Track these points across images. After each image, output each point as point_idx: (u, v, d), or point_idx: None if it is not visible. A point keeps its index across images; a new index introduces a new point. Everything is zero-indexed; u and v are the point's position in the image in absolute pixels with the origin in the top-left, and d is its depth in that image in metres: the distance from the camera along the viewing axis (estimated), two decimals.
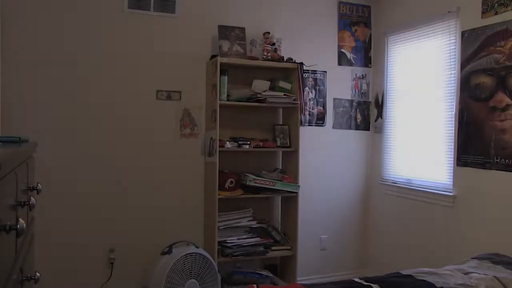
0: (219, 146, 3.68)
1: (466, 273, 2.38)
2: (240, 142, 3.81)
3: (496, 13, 3.28)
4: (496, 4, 3.28)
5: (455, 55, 3.62)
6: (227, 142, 3.78)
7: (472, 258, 2.68)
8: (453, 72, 3.64)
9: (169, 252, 3.51)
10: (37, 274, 1.65)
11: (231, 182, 3.76)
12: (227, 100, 3.75)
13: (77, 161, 3.60)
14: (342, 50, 4.51)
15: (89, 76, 3.62)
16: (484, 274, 2.33)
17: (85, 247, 3.63)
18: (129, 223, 3.75)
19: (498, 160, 3.23)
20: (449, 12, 3.65)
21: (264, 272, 3.91)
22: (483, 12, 3.38)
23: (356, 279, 2.34)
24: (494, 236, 3.23)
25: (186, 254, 3.44)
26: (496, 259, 2.60)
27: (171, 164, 3.87)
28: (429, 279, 2.29)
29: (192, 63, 3.93)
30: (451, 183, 3.64)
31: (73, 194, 3.59)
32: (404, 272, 2.46)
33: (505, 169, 3.18)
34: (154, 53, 3.81)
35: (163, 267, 3.40)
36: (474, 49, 3.44)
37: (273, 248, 3.92)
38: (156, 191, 3.83)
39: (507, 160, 3.17)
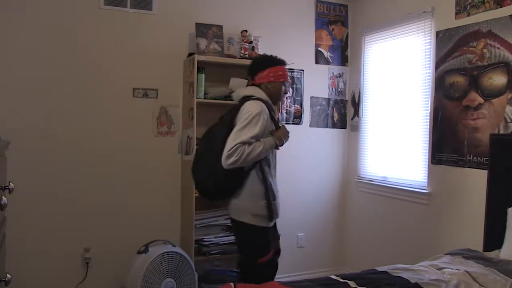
0: (196, 144, 3.67)
1: (440, 269, 2.42)
2: None
3: (468, 15, 3.34)
4: (468, 6, 3.34)
5: (430, 54, 3.68)
6: None
7: (445, 254, 2.74)
8: (428, 71, 3.70)
9: (145, 251, 3.48)
10: (8, 276, 1.62)
11: None
12: (205, 98, 3.74)
13: (51, 160, 3.54)
14: (320, 48, 4.54)
15: (64, 74, 3.57)
16: (456, 269, 2.38)
17: (59, 247, 3.58)
18: (105, 222, 3.70)
19: (471, 158, 3.29)
20: (424, 12, 3.70)
21: None
22: (456, 13, 3.44)
23: (333, 276, 2.36)
24: (466, 232, 3.29)
25: (163, 253, 3.42)
26: (468, 254, 2.66)
27: (147, 162, 3.84)
28: (404, 275, 2.32)
29: (169, 61, 3.90)
30: (426, 181, 3.69)
31: (47, 193, 3.53)
32: (380, 268, 2.49)
33: (477, 167, 3.24)
34: (130, 50, 3.77)
35: (139, 267, 3.37)
36: (448, 49, 3.49)
37: None
38: (133, 190, 3.80)
39: (479, 158, 3.23)
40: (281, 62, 3.00)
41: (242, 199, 2.84)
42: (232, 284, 2.11)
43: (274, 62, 2.97)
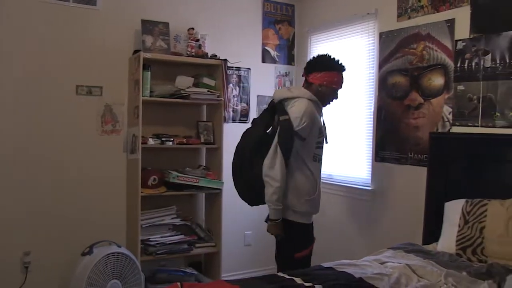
0: (142, 143, 3.61)
1: (383, 263, 2.50)
2: (163, 139, 3.76)
3: (409, 18, 3.46)
4: (409, 9, 3.47)
5: (373, 55, 3.78)
6: (150, 139, 3.71)
7: (388, 248, 2.83)
8: (372, 71, 3.80)
9: (89, 252, 3.39)
10: None
11: (154, 179, 3.70)
12: (150, 96, 3.68)
13: None
14: (266, 47, 4.57)
15: (2, 71, 3.41)
16: (398, 263, 2.47)
17: None
18: (46, 223, 3.57)
19: (412, 156, 3.42)
20: (368, 14, 3.80)
21: (189, 270, 3.88)
22: (398, 16, 3.56)
23: (280, 274, 2.39)
24: (408, 226, 3.41)
25: (108, 254, 3.34)
26: (409, 248, 2.77)
27: (91, 161, 3.74)
28: (349, 270, 2.38)
29: (114, 58, 3.80)
30: (370, 178, 3.80)
31: None
32: (326, 264, 2.54)
33: (418, 164, 3.37)
34: (73, 46, 3.65)
35: (83, 269, 3.28)
36: (390, 50, 3.61)
37: (197, 245, 3.90)
38: (76, 190, 3.68)
39: (419, 155, 3.36)
40: (340, 68, 3.00)
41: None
42: (178, 283, 2.09)
43: (331, 67, 2.98)
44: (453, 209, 2.84)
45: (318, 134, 2.92)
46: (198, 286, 2.36)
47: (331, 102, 3.09)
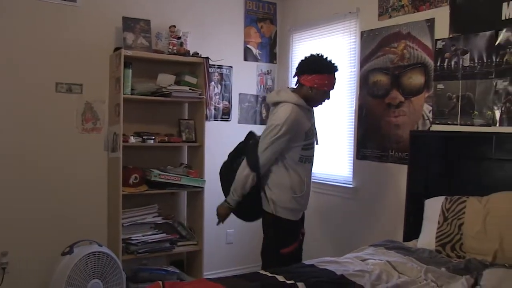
0: (123, 141, 3.58)
1: (364, 260, 2.53)
2: (145, 137, 3.73)
3: (390, 17, 3.50)
4: (390, 9, 3.50)
5: (355, 53, 3.81)
6: (131, 137, 3.68)
7: (369, 245, 2.86)
8: (353, 69, 3.82)
9: (70, 252, 3.35)
10: None
11: (136, 178, 3.67)
12: (131, 94, 3.65)
13: None
14: (248, 45, 4.57)
15: None
16: (379, 260, 2.49)
17: None
18: (25, 223, 3.51)
19: (393, 154, 3.45)
20: (350, 12, 3.82)
21: (171, 268, 3.87)
22: (379, 15, 3.58)
23: (261, 272, 2.39)
24: (389, 223, 3.45)
25: (89, 253, 3.31)
26: (389, 245, 2.80)
27: (72, 160, 3.69)
28: (331, 267, 2.39)
29: (94, 55, 3.76)
30: (351, 175, 3.82)
31: None
32: (307, 262, 2.55)
33: (399, 162, 3.40)
34: (53, 43, 3.60)
35: (63, 269, 3.24)
36: (372, 48, 3.63)
37: (179, 243, 3.89)
38: (56, 189, 3.63)
39: (400, 153, 3.39)
40: (331, 70, 2.96)
41: (270, 190, 2.95)
42: (160, 282, 2.08)
43: (322, 69, 2.93)
44: (433, 206, 2.88)
45: (304, 138, 2.92)
46: (180, 285, 2.35)
47: (323, 103, 3.08)
